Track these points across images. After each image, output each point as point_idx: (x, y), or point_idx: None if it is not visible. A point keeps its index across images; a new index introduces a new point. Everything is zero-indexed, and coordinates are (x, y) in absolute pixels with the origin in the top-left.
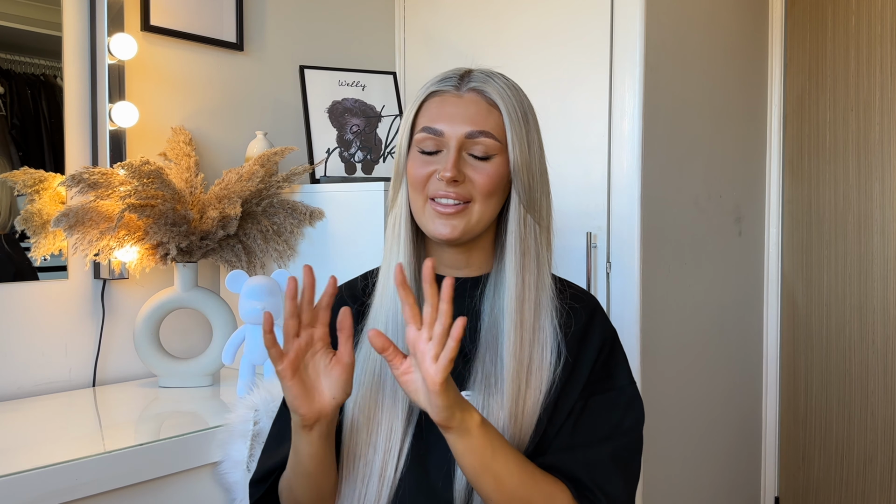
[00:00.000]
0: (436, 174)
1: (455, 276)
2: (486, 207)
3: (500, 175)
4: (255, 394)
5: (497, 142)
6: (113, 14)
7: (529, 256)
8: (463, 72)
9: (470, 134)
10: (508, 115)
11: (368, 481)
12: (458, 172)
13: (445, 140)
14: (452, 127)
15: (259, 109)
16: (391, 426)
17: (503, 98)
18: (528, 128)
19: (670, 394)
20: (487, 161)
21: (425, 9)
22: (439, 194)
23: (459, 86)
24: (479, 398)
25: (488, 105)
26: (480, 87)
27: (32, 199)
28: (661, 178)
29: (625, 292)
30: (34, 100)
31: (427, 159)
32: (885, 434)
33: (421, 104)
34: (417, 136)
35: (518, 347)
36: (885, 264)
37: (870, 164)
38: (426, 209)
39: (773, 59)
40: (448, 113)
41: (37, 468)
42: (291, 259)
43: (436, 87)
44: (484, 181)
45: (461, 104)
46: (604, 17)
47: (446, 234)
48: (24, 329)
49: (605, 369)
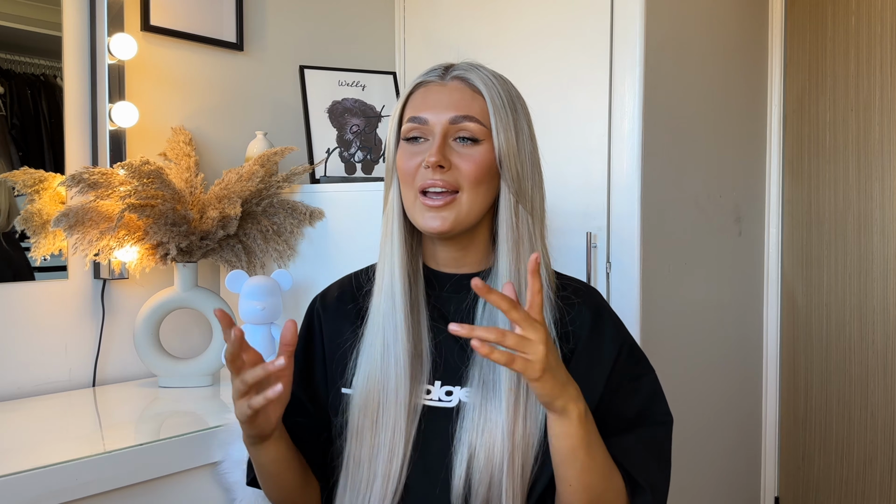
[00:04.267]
0: (423, 164)
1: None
2: (474, 196)
3: (487, 162)
4: None
5: (483, 126)
6: (113, 14)
7: (523, 247)
8: (448, 64)
9: (454, 119)
10: (492, 100)
11: (373, 484)
12: (443, 158)
13: (430, 128)
14: (436, 114)
15: (259, 109)
16: (395, 427)
17: (486, 85)
18: (516, 116)
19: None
20: (473, 147)
21: (425, 9)
22: (426, 183)
23: (443, 75)
24: (477, 399)
25: (472, 92)
26: (464, 74)
27: (32, 199)
28: (661, 178)
29: (625, 292)
30: (34, 100)
31: (414, 150)
32: (885, 434)
33: (407, 98)
34: (404, 127)
35: None
36: (885, 264)
37: (870, 165)
38: (416, 203)
39: (773, 59)
40: (432, 101)
41: (37, 468)
42: (291, 259)
43: (421, 79)
44: (470, 168)
45: (445, 91)
46: (604, 17)
47: (436, 226)
48: (24, 329)
49: (628, 365)
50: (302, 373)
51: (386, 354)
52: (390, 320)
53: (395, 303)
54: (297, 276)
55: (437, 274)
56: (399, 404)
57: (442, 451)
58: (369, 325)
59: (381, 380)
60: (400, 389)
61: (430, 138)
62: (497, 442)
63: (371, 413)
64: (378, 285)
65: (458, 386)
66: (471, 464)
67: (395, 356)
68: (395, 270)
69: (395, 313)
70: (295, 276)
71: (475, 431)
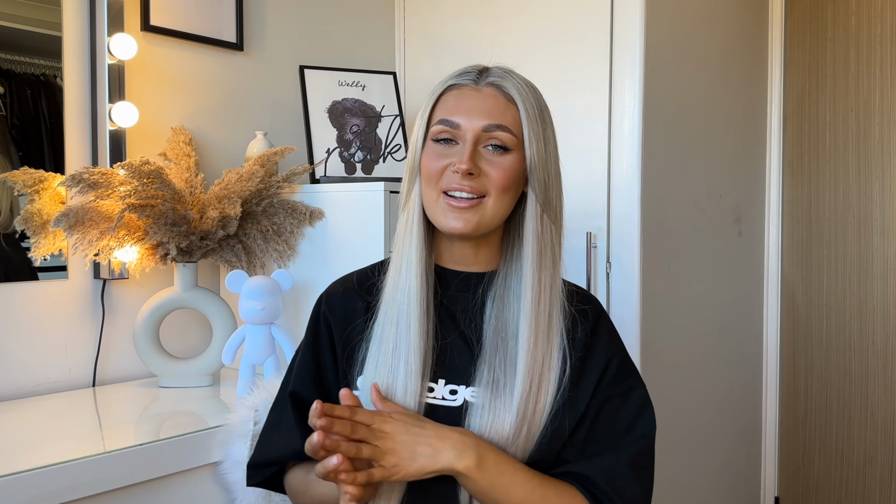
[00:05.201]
0: (450, 167)
1: (461, 270)
2: (500, 203)
3: (516, 171)
4: (255, 394)
5: (514, 137)
6: (113, 14)
7: (546, 256)
8: (481, 67)
9: (487, 127)
10: (526, 111)
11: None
12: (474, 165)
13: (462, 133)
14: (469, 120)
15: (259, 109)
16: None
17: (521, 94)
18: (545, 126)
19: (670, 394)
20: (503, 156)
21: (425, 9)
22: (453, 187)
23: (478, 80)
24: (486, 398)
25: (506, 100)
26: (498, 81)
27: (32, 199)
28: (661, 178)
29: (625, 292)
30: (34, 100)
31: (442, 152)
32: (885, 434)
33: (438, 98)
34: (434, 128)
35: (533, 348)
36: (885, 264)
37: (870, 165)
38: (439, 203)
39: (773, 59)
40: (466, 106)
41: (37, 468)
42: (291, 259)
43: (454, 81)
44: (499, 175)
45: (479, 98)
46: (604, 17)
47: (459, 227)
48: (24, 329)
49: (618, 375)
50: (311, 374)
51: (398, 348)
52: (404, 315)
53: (411, 298)
54: (297, 276)
55: (445, 271)
56: (406, 399)
57: None
58: (381, 319)
59: (390, 373)
60: (409, 384)
61: (460, 142)
62: (506, 438)
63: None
64: (393, 280)
65: (464, 385)
66: None
67: (407, 351)
68: (413, 267)
69: (409, 309)
70: (295, 276)
71: (484, 429)
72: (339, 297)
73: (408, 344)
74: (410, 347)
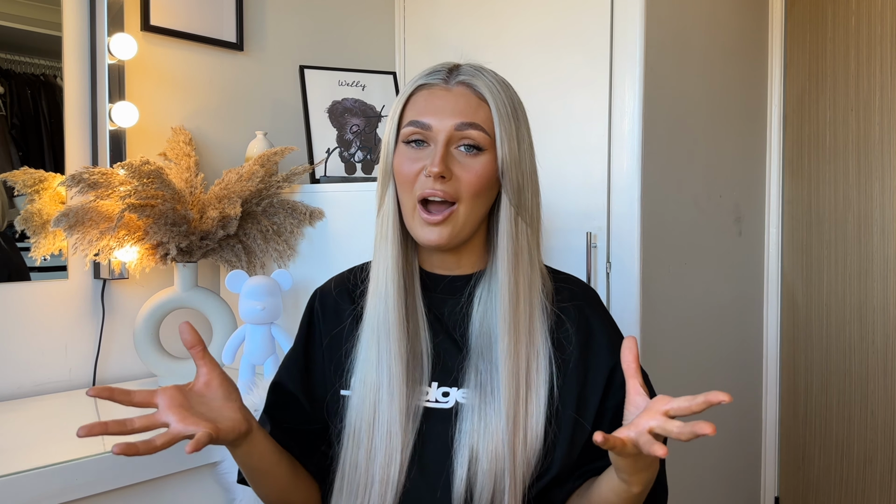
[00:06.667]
0: (423, 171)
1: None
2: (471, 209)
3: (489, 173)
4: (255, 394)
5: (487, 135)
6: (113, 14)
7: (522, 257)
8: (451, 65)
9: (458, 126)
10: (497, 110)
11: (371, 489)
12: (446, 168)
13: (433, 134)
14: (440, 120)
15: (259, 109)
16: (391, 430)
17: (492, 92)
18: (518, 124)
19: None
20: (476, 157)
21: (425, 9)
22: (426, 193)
23: (448, 79)
24: (475, 400)
25: (478, 99)
26: (469, 80)
27: (32, 199)
28: (661, 178)
29: (625, 292)
30: (34, 100)
31: (414, 154)
32: (885, 434)
33: (408, 98)
34: (404, 129)
35: (514, 350)
36: (885, 264)
37: (870, 164)
38: (416, 216)
39: (773, 59)
40: (436, 106)
41: (37, 468)
42: (291, 259)
43: (423, 81)
44: (471, 179)
45: (450, 97)
46: (604, 17)
47: (433, 240)
48: (24, 329)
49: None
50: (300, 370)
51: (381, 357)
52: (384, 323)
53: (388, 306)
54: (297, 276)
55: (431, 276)
56: (395, 407)
57: (440, 452)
58: (365, 328)
59: (376, 382)
60: (395, 392)
61: (431, 144)
62: (499, 444)
63: (367, 416)
64: (373, 288)
65: (455, 387)
66: (472, 466)
67: (389, 359)
68: (389, 273)
69: (387, 316)
70: (295, 276)
71: (475, 433)
72: (331, 297)
73: (389, 351)
74: (392, 354)
